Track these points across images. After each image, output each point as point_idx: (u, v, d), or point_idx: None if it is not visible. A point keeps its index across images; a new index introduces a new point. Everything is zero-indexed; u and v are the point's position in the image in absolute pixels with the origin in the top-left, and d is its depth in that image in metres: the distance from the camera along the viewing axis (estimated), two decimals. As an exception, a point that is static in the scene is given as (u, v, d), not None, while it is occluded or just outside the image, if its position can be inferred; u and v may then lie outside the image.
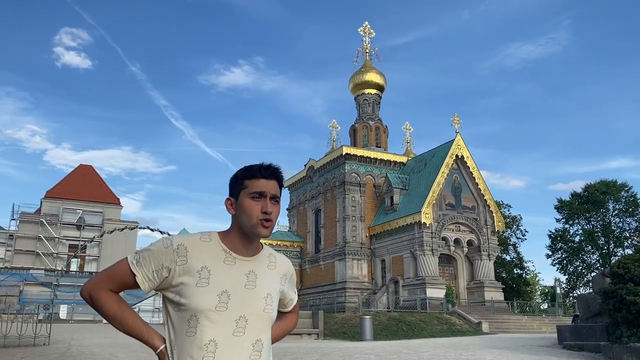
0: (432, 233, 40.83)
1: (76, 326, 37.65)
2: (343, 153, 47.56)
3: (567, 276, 58.00)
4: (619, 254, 51.46)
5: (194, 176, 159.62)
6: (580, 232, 57.22)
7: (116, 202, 69.00)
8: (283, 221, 58.63)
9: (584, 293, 34.21)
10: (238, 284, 1.89)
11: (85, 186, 66.75)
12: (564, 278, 57.94)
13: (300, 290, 48.63)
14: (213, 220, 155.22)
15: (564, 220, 57.65)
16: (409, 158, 50.87)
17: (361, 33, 56.64)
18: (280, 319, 2.20)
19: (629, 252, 41.38)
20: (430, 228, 40.80)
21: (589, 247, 56.75)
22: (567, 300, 52.43)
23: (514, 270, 59.37)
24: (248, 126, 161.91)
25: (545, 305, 52.42)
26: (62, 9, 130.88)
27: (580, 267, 57.81)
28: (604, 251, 55.52)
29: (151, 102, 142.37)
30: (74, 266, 62.18)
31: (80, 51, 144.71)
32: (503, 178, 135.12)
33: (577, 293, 50.65)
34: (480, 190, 43.69)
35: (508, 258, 59.11)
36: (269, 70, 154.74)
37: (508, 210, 59.83)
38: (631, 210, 54.65)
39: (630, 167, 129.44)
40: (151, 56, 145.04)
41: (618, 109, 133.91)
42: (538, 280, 69.76)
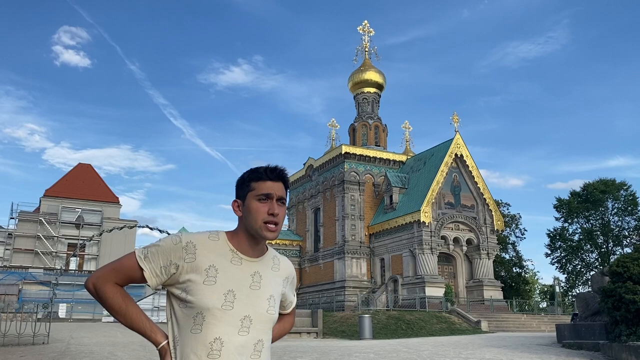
0: (432, 232, 40.84)
1: (75, 325, 37.65)
2: (342, 152, 47.55)
3: (566, 275, 58.12)
4: (618, 253, 51.54)
5: (193, 175, 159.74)
6: (579, 231, 57.31)
7: (115, 201, 68.95)
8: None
9: (583, 292, 34.22)
10: (244, 284, 1.91)
11: (84, 185, 66.70)
12: (563, 277, 58.13)
13: (299, 289, 48.65)
14: (212, 219, 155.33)
15: (563, 219, 57.71)
16: (408, 157, 50.86)
17: (360, 32, 56.72)
18: (278, 321, 2.21)
19: (628, 251, 41.39)
20: (429, 227, 40.81)
21: (588, 246, 56.81)
22: (566, 299, 52.46)
23: (513, 269, 59.43)
24: (247, 125, 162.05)
25: (544, 304, 52.45)
26: (61, 8, 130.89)
27: (579, 266, 57.90)
28: (603, 250, 55.58)
29: (150, 101, 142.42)
30: (73, 265, 62.12)
31: (79, 50, 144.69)
32: (502, 177, 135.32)
33: (576, 292, 50.78)
34: (479, 189, 43.70)
35: (507, 257, 59.17)
36: (268, 69, 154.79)
37: (507, 209, 59.91)
38: (630, 209, 54.70)
39: (629, 166, 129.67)
40: (150, 55, 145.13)
41: (617, 108, 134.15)
42: (537, 279, 70.03)
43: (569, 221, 57.61)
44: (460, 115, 46.57)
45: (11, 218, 63.57)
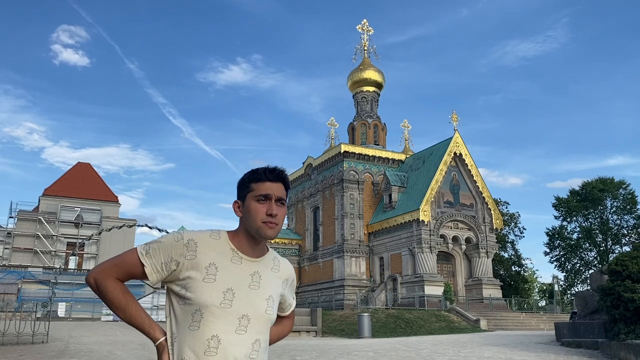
0: (431, 231, 40.87)
1: (74, 324, 37.62)
2: (341, 151, 47.56)
3: (565, 273, 58.21)
4: (617, 252, 51.60)
5: (192, 174, 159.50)
6: (578, 230, 57.39)
7: (114, 200, 68.91)
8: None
9: (582, 290, 34.28)
10: (243, 283, 1.93)
11: (83, 184, 66.65)
12: (562, 275, 58.21)
13: (298, 287, 48.66)
14: (211, 218, 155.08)
15: (562, 217, 57.77)
16: (407, 156, 50.88)
17: (360, 30, 56.67)
18: (276, 323, 2.22)
19: (627, 250, 41.46)
20: (428, 226, 40.84)
21: (587, 245, 56.89)
22: (565, 297, 52.55)
23: (512, 267, 59.50)
24: (246, 124, 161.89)
25: (543, 302, 52.49)
26: (60, 7, 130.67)
27: (578, 265, 57.98)
28: (602, 248, 55.65)
29: (149, 100, 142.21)
30: (72, 264, 62.05)
31: (78, 49, 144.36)
32: (501, 175, 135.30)
33: (575, 290, 50.82)
34: (478, 187, 43.73)
35: (506, 255, 59.23)
36: (267, 68, 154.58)
37: (506, 207, 59.96)
38: (629, 207, 54.77)
39: (628, 165, 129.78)
40: (149, 54, 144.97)
41: (616, 107, 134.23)
42: (536, 277, 70.05)
43: (568, 220, 57.69)
44: (459, 114, 46.72)
45: (10, 217, 63.56)
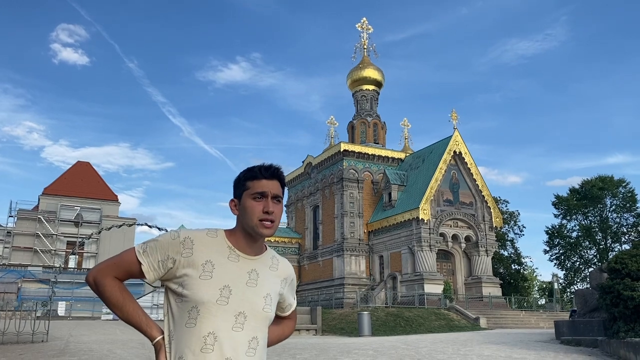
0: (430, 229, 40.88)
1: (74, 323, 37.64)
2: (341, 149, 47.54)
3: (565, 271, 58.24)
4: (616, 250, 51.66)
5: (192, 173, 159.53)
6: (577, 228, 57.42)
7: (114, 199, 68.91)
8: (282, 218, 58.65)
9: (582, 288, 34.31)
10: (240, 281, 1.93)
11: (83, 183, 66.63)
12: (562, 273, 58.23)
13: (298, 286, 48.67)
14: (211, 217, 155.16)
15: (562, 216, 57.81)
16: (407, 154, 50.87)
17: (359, 29, 56.61)
18: (277, 324, 2.22)
19: (626, 248, 41.48)
20: (428, 224, 40.84)
21: (587, 243, 56.95)
22: (565, 295, 52.58)
23: (512, 265, 59.52)
24: (246, 123, 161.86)
25: (542, 300, 52.57)
26: (59, 6, 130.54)
27: (577, 263, 58.02)
28: (601, 247, 55.70)
29: (149, 99, 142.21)
30: (72, 263, 62.07)
31: (77, 48, 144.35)
32: (501, 174, 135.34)
33: (575, 288, 50.85)
34: (478, 186, 43.73)
35: (506, 254, 59.25)
36: (267, 66, 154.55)
37: (506, 206, 59.98)
38: (628, 205, 54.82)
39: (627, 163, 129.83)
40: (148, 53, 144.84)
41: (616, 105, 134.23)
42: (536, 275, 70.05)
43: (568, 218, 57.74)
44: (458, 112, 46.76)
45: (10, 216, 63.61)
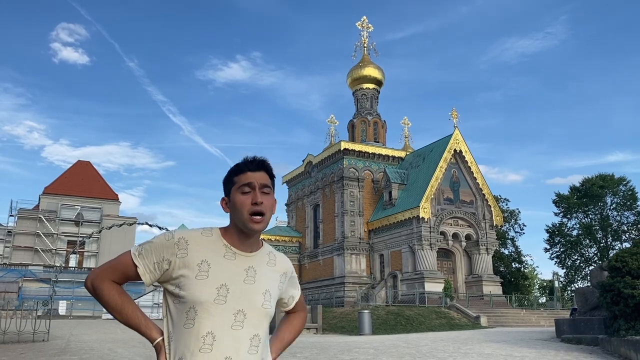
0: (431, 228, 40.87)
1: (75, 322, 37.69)
2: (341, 148, 47.51)
3: (565, 270, 58.20)
4: (617, 248, 51.64)
5: (192, 172, 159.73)
6: (578, 226, 57.38)
7: (114, 198, 68.96)
8: (282, 216, 58.59)
9: (582, 287, 34.29)
10: (237, 279, 1.91)
11: (83, 182, 66.66)
12: (562, 272, 58.20)
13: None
14: (211, 215, 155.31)
15: (562, 214, 57.77)
16: (407, 153, 50.83)
17: (359, 27, 56.51)
18: (286, 320, 2.21)
19: (627, 246, 41.46)
20: (428, 223, 40.83)
21: (587, 241, 56.91)
22: (565, 293, 52.58)
23: (512, 264, 59.51)
24: (246, 121, 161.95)
25: (543, 299, 52.55)
26: (59, 5, 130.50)
27: (578, 261, 57.99)
28: (602, 245, 55.67)
29: (149, 98, 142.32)
30: (73, 262, 62.13)
31: (77, 47, 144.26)
32: (501, 172, 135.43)
33: (575, 287, 50.85)
34: (478, 184, 43.71)
35: (506, 252, 59.23)
36: (267, 65, 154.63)
37: (506, 204, 59.93)
38: (629, 204, 54.78)
39: (628, 161, 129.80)
40: (149, 52, 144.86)
41: (616, 103, 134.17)
42: (536, 274, 70.03)
43: (568, 216, 57.69)
44: (459, 111, 46.46)
45: (10, 215, 63.69)
